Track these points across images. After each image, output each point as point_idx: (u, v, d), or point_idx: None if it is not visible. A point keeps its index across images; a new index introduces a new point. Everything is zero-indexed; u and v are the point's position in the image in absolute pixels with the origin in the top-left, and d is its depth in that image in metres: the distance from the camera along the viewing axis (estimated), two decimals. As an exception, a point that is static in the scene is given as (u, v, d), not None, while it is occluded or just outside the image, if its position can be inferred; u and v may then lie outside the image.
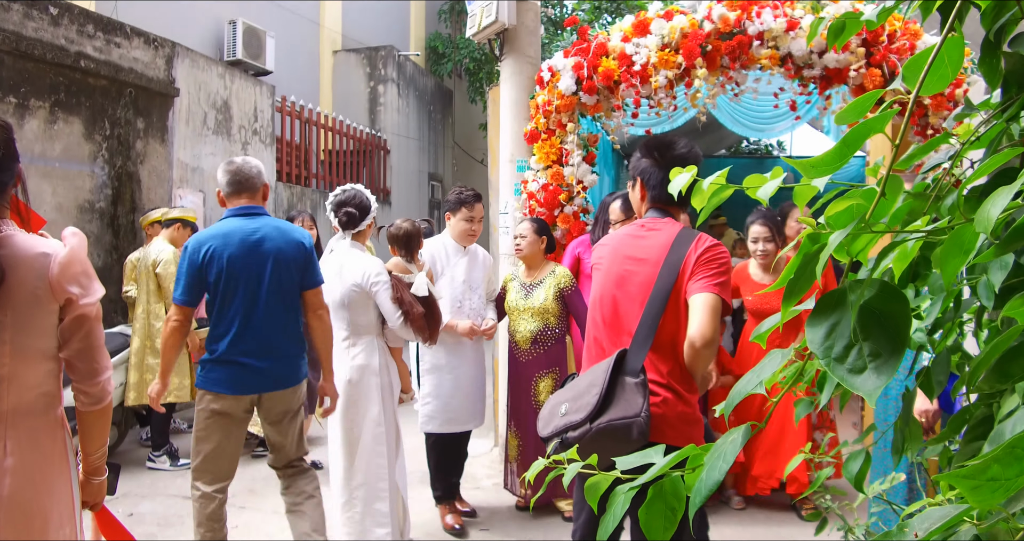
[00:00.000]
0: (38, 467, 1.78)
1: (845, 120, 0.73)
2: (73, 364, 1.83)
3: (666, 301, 2.26)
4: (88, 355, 1.83)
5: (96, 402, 1.88)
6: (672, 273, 2.26)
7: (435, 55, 13.97)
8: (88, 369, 1.84)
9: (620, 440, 2.03)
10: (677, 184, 0.94)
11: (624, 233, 2.50)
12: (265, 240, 3.01)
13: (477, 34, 5.13)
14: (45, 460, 1.80)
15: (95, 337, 1.84)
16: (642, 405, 2.06)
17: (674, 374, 2.28)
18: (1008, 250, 0.68)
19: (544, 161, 4.62)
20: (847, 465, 1.20)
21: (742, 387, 0.77)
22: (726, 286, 2.25)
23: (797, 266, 0.73)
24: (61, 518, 1.82)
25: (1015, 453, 0.47)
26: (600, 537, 0.77)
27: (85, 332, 1.82)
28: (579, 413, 2.11)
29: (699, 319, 2.17)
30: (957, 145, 1.00)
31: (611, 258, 2.46)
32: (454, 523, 3.99)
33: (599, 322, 2.43)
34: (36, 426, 1.79)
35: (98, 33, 5.95)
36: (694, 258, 2.26)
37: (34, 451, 1.77)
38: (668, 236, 2.34)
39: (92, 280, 1.85)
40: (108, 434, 1.98)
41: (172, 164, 6.78)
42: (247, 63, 8.33)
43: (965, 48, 2.61)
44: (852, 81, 4.25)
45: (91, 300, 1.82)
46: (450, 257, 4.07)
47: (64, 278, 1.76)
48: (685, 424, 2.26)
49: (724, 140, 10.75)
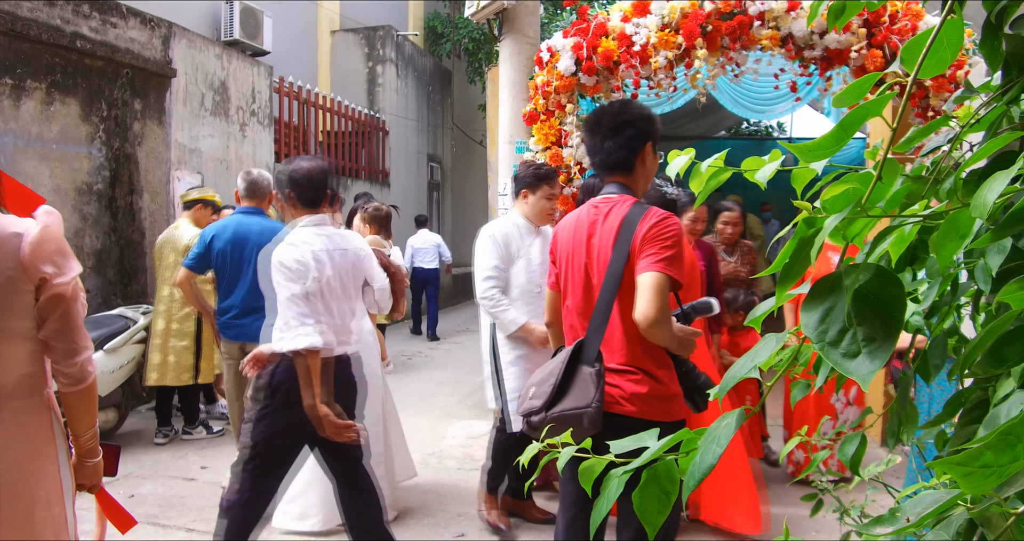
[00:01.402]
0: (24, 449, 1.77)
1: (843, 102, 0.73)
2: (51, 344, 1.80)
3: (619, 285, 2.23)
4: (65, 335, 1.80)
5: (76, 382, 1.84)
6: (623, 255, 2.22)
7: (434, 35, 13.87)
8: (65, 349, 1.80)
9: (573, 428, 2.04)
10: (675, 167, 0.93)
11: (578, 216, 2.45)
12: (251, 234, 4.07)
13: (476, 14, 5.08)
14: (31, 442, 1.79)
15: (72, 317, 1.81)
16: (594, 396, 2.11)
17: (643, 357, 2.26)
18: (1005, 235, 0.67)
19: (543, 142, 4.60)
20: (842, 448, 1.20)
21: (736, 371, 0.77)
22: (673, 261, 2.18)
23: (792, 250, 0.73)
24: (49, 499, 1.82)
25: (1008, 440, 0.47)
26: (594, 520, 0.77)
27: (62, 311, 1.79)
28: (538, 399, 2.19)
29: (641, 300, 2.14)
30: (957, 128, 0.99)
31: (568, 246, 2.43)
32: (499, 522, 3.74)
33: (571, 309, 2.43)
34: (20, 408, 1.78)
35: (94, 13, 5.90)
36: (641, 236, 2.21)
37: (20, 433, 1.76)
38: (618, 216, 2.29)
39: (67, 258, 1.82)
40: (96, 415, 1.94)
41: (170, 145, 6.75)
42: (244, 43, 8.27)
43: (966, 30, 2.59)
44: (853, 62, 4.22)
45: (65, 279, 1.78)
46: (524, 238, 3.77)
47: (36, 257, 1.73)
48: (660, 400, 2.26)
49: (724, 121, 10.72)
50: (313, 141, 9.57)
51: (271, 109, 8.33)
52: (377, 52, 11.44)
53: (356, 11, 11.81)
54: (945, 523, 0.56)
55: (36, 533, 1.79)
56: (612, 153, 2.38)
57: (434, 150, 13.51)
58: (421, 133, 12.79)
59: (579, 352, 2.24)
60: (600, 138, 2.40)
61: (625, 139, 2.37)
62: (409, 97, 12.25)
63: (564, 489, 2.54)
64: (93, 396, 1.90)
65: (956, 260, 0.99)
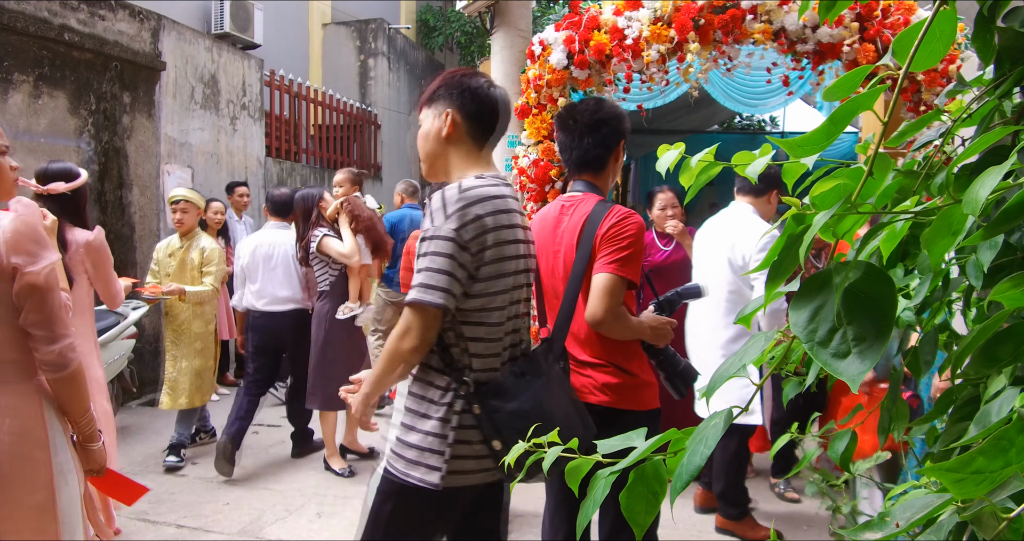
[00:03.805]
0: (13, 434, 1.83)
1: (833, 96, 0.71)
2: (30, 332, 1.84)
3: (580, 285, 2.26)
4: (42, 323, 1.84)
5: (57, 369, 1.87)
6: (585, 254, 2.26)
7: (426, 28, 13.81)
8: (43, 336, 1.84)
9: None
10: (664, 162, 0.92)
11: (547, 214, 2.47)
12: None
13: (468, 7, 5.06)
14: (21, 427, 1.84)
15: (48, 305, 1.84)
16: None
17: (613, 350, 2.31)
18: (997, 232, 0.66)
19: (535, 136, 4.58)
20: (833, 445, 1.19)
21: (724, 371, 0.76)
22: (628, 261, 2.21)
23: (781, 248, 0.71)
24: (35, 484, 1.86)
25: (1000, 445, 0.46)
26: (580, 522, 0.76)
27: (37, 300, 1.82)
28: None
29: (591, 301, 2.20)
30: (949, 122, 0.98)
31: (539, 243, 2.44)
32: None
33: (546, 307, 2.46)
34: (8, 393, 1.84)
35: (82, 5, 5.84)
36: (601, 236, 2.25)
37: (7, 418, 1.82)
38: (581, 215, 2.32)
39: (42, 247, 1.86)
40: (87, 401, 1.99)
41: (159, 139, 6.70)
42: (235, 36, 8.20)
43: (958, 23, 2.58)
44: (846, 56, 4.21)
45: (36, 268, 1.82)
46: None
47: (8, 247, 1.79)
48: (632, 390, 2.30)
49: (717, 115, 10.68)
50: (304, 135, 9.52)
51: (262, 102, 8.27)
52: (369, 45, 11.38)
53: (348, 4, 11.74)
54: (935, 526, 0.55)
55: (17, 518, 1.84)
56: (590, 150, 2.40)
57: (426, 144, 13.44)
58: (413, 127, 12.74)
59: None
60: (577, 135, 2.40)
61: (602, 137, 2.39)
62: (401, 91, 12.19)
63: (549, 482, 2.57)
64: (78, 383, 1.93)
65: (948, 256, 0.98)
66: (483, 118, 1.92)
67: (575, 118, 2.41)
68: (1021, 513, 0.52)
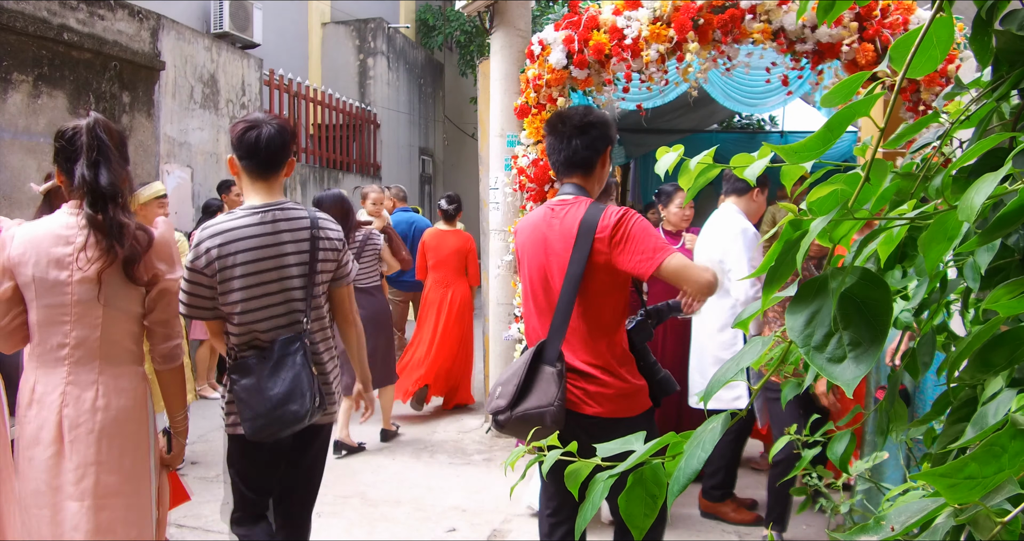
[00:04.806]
0: (123, 408, 2.15)
1: (831, 103, 0.71)
2: (153, 329, 2.20)
3: (577, 288, 2.26)
4: (165, 323, 2.21)
5: (168, 361, 2.24)
6: (583, 256, 2.25)
7: (425, 28, 13.81)
8: (164, 334, 2.22)
9: (538, 426, 2.17)
10: (663, 164, 0.92)
11: (535, 218, 2.48)
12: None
13: (467, 6, 5.05)
14: (129, 403, 2.16)
15: (173, 308, 2.24)
16: (555, 394, 2.20)
17: (607, 355, 2.31)
18: (993, 238, 0.66)
19: (534, 136, 4.58)
20: (832, 446, 1.20)
21: (721, 375, 0.76)
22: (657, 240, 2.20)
23: (778, 253, 0.72)
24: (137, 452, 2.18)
25: (993, 451, 0.46)
26: (579, 525, 0.76)
27: (166, 303, 2.20)
28: (503, 399, 2.27)
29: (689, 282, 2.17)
30: (947, 124, 0.98)
31: (528, 248, 2.46)
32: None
33: (533, 312, 2.46)
34: (120, 373, 2.16)
35: (81, 5, 5.84)
36: (608, 241, 2.24)
37: (119, 393, 2.14)
38: (574, 219, 2.31)
39: (176, 260, 2.24)
40: (186, 399, 2.33)
41: (159, 138, 6.70)
42: (234, 36, 8.20)
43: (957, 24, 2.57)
44: (845, 56, 4.21)
45: (174, 276, 2.21)
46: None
47: (156, 255, 2.16)
48: (625, 398, 2.32)
49: (716, 115, 10.66)
50: (304, 134, 9.52)
51: (261, 102, 8.27)
52: (368, 45, 11.37)
53: (347, 4, 11.73)
54: (931, 530, 0.56)
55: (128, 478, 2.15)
56: (579, 151, 2.41)
57: (426, 143, 13.46)
58: (413, 126, 12.75)
59: (541, 352, 2.30)
60: (566, 136, 2.42)
61: (591, 139, 2.41)
62: (400, 90, 12.19)
63: (545, 484, 2.60)
64: (182, 378, 2.30)
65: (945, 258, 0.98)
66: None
67: (564, 122, 2.44)
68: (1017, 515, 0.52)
